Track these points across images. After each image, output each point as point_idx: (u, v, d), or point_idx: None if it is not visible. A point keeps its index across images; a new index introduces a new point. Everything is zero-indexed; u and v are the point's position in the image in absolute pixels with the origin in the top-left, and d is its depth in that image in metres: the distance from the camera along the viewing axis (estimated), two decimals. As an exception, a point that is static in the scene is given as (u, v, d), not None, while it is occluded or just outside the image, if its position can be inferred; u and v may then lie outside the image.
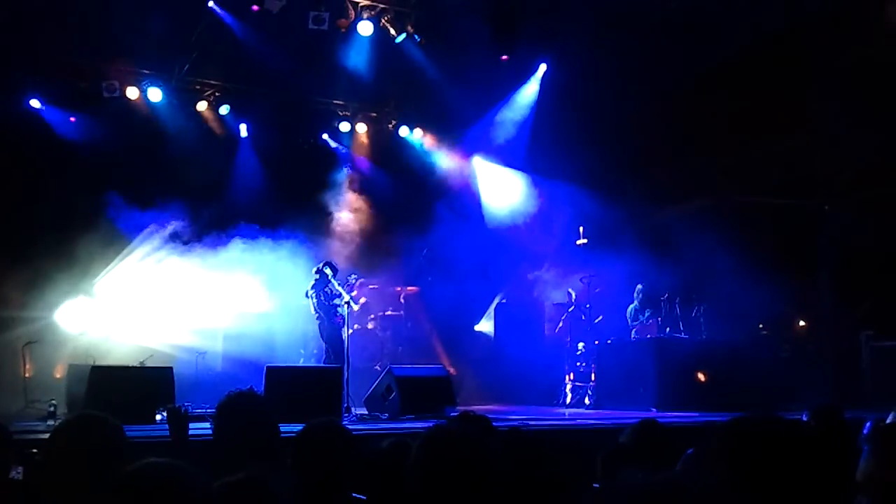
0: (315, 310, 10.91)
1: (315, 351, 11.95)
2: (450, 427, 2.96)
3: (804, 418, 5.00)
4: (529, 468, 3.38)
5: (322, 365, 10.71)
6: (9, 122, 12.12)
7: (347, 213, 14.36)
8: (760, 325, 12.71)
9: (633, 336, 12.08)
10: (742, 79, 12.41)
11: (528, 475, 3.30)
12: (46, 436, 5.91)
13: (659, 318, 11.80)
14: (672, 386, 10.60)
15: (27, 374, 10.52)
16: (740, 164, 12.77)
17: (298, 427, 3.37)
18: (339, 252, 12.79)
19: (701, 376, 10.76)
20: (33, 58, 12.23)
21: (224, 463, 3.10)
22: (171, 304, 12.16)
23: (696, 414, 9.47)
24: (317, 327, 11.05)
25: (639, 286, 12.27)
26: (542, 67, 13.99)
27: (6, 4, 10.79)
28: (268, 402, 3.50)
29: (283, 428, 3.47)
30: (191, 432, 4.33)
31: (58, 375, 11.13)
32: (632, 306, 12.34)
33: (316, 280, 10.89)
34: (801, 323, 13.77)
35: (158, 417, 7.93)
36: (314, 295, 10.85)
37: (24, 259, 11.41)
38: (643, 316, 12.18)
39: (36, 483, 3.37)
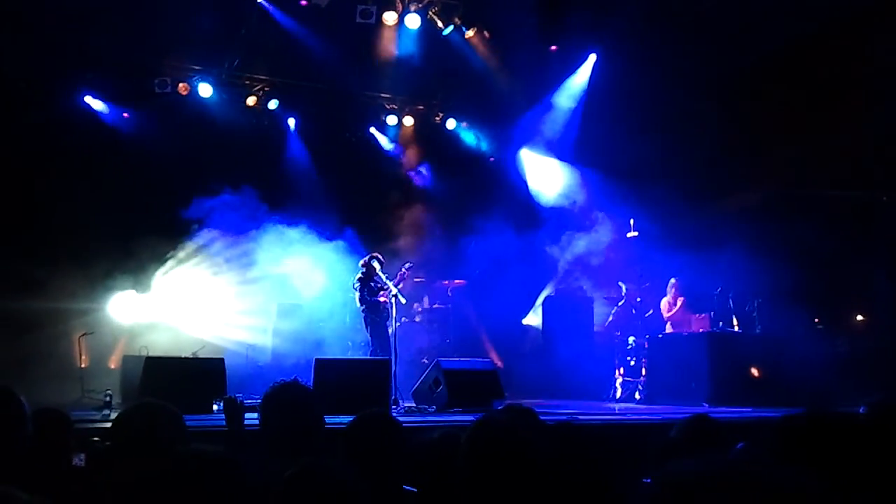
0: (360, 302, 10.93)
1: (363, 343, 12.00)
2: (497, 418, 2.93)
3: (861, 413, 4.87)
4: (579, 462, 3.34)
5: (370, 357, 10.75)
6: (65, 118, 12.41)
7: (396, 205, 14.39)
8: (816, 320, 12.42)
9: (667, 331, 11.89)
10: (797, 70, 12.12)
11: (577, 469, 3.25)
12: (103, 425, 6.06)
13: (699, 314, 11.58)
14: (725, 381, 10.41)
15: (83, 365, 10.74)
16: (796, 156, 12.46)
17: (347, 419, 3.38)
18: (387, 245, 12.80)
19: (755, 371, 10.55)
20: (87, 55, 12.47)
21: (270, 452, 3.13)
22: (223, 296, 12.33)
23: (750, 409, 9.29)
24: (362, 320, 11.08)
25: (672, 280, 12.08)
26: (592, 58, 13.82)
27: (60, 3, 11.01)
28: (313, 394, 3.49)
29: (332, 420, 3.48)
30: (246, 422, 4.40)
31: (112, 366, 11.38)
32: (665, 300, 12.15)
33: (362, 272, 10.91)
34: (859, 317, 13.43)
35: (215, 408, 8.05)
36: (359, 288, 10.87)
37: (79, 251, 11.67)
38: (675, 310, 11.99)
39: (98, 469, 3.44)
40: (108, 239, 11.87)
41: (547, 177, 15.06)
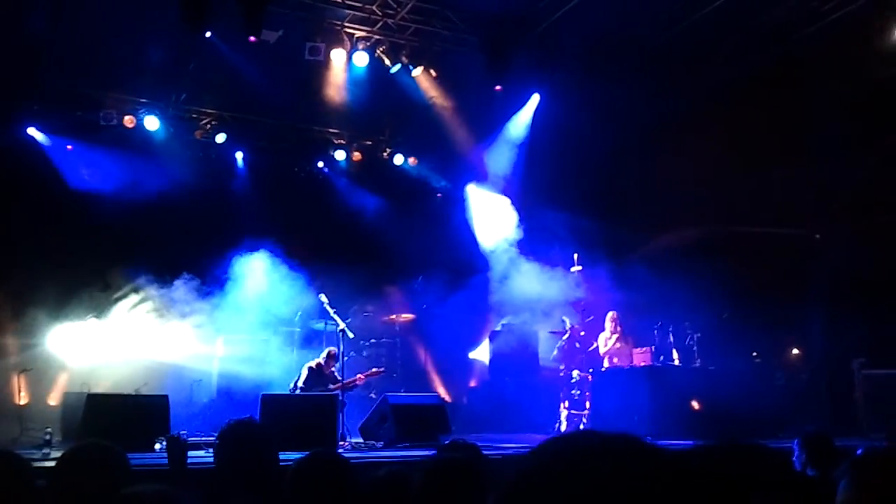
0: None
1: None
2: (452, 456, 3.01)
3: (795, 446, 5.07)
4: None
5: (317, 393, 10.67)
6: (7, 150, 12.22)
7: (344, 239, 14.43)
8: (754, 353, 12.74)
9: (605, 365, 12.09)
10: (733, 108, 12.53)
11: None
12: (44, 464, 5.95)
13: (641, 348, 11.80)
14: (666, 414, 10.59)
15: (22, 402, 10.50)
16: (732, 194, 12.86)
17: (294, 455, 3.41)
18: (335, 279, 12.78)
19: (695, 404, 10.77)
20: (32, 87, 12.34)
21: (223, 491, 3.15)
22: (166, 331, 12.17)
23: (691, 442, 9.44)
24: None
25: (610, 313, 12.31)
26: (535, 98, 14.12)
27: (5, 35, 10.91)
28: (268, 431, 3.53)
29: (280, 456, 3.50)
30: (189, 460, 4.39)
31: (52, 403, 11.12)
32: (603, 335, 12.35)
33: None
34: (795, 351, 13.81)
35: (158, 446, 7.94)
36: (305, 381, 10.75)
37: (17, 285, 11.44)
38: (611, 343, 12.22)
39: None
40: (49, 273, 11.65)
41: (493, 212, 15.25)
